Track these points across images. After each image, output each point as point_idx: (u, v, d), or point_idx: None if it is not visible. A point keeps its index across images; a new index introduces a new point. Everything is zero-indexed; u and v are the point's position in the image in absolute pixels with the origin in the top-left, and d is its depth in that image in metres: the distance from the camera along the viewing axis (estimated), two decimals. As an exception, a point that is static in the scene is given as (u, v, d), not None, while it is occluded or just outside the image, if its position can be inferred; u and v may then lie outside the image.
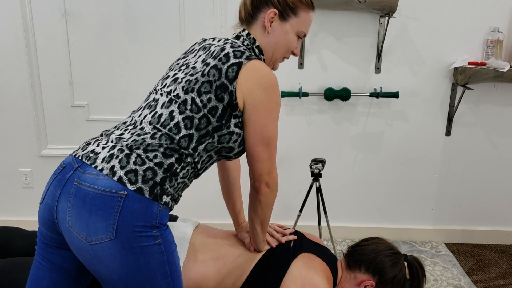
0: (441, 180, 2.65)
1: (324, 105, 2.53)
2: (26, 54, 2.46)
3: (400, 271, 1.47)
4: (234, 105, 1.19)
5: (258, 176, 1.29)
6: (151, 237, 1.10)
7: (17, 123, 2.57)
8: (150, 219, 1.10)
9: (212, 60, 1.21)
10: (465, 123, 2.55)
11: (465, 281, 2.29)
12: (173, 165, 1.16)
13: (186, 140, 1.18)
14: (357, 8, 2.27)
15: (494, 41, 2.34)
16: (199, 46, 1.34)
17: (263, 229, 1.41)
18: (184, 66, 1.27)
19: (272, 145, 1.27)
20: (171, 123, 1.17)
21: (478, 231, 2.71)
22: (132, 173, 1.11)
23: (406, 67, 2.47)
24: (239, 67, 1.19)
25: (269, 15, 1.28)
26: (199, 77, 1.20)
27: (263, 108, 1.21)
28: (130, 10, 2.41)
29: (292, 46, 1.34)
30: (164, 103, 1.21)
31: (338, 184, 2.66)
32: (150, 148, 1.15)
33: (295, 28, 1.31)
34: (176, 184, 1.18)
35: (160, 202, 1.12)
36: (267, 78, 1.21)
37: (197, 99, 1.18)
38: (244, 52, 1.22)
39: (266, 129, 1.24)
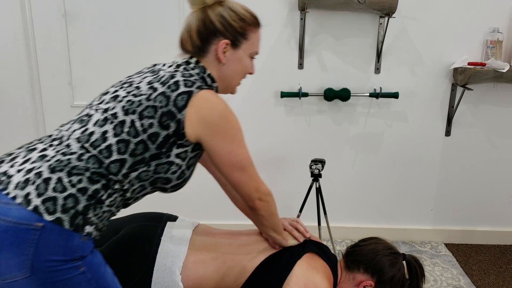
0: (441, 180, 2.65)
1: (324, 106, 2.53)
2: (25, 54, 2.46)
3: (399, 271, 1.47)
4: (181, 134, 1.13)
5: (248, 197, 1.26)
6: (73, 268, 1.01)
7: (17, 123, 2.57)
8: (70, 253, 1.00)
9: (160, 86, 1.15)
10: (465, 124, 2.55)
11: (464, 282, 2.29)
12: (98, 192, 1.06)
13: (116, 166, 1.09)
14: (357, 8, 2.28)
15: (494, 42, 2.34)
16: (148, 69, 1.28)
17: (278, 232, 1.39)
18: (127, 84, 1.20)
19: (247, 166, 1.21)
20: (102, 144, 1.09)
21: (477, 232, 2.71)
22: (50, 201, 1.00)
23: (406, 68, 2.47)
24: (189, 96, 1.13)
25: (221, 47, 1.23)
26: (143, 100, 1.13)
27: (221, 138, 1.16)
28: (129, 10, 2.41)
29: (248, 69, 1.31)
30: (98, 121, 1.12)
31: (337, 184, 2.66)
32: (75, 172, 1.05)
33: (248, 51, 1.27)
34: (101, 213, 1.08)
35: (82, 233, 1.02)
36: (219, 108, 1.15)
37: (137, 122, 1.11)
38: (195, 82, 1.17)
39: (235, 155, 1.19)
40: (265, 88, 2.50)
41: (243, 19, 1.24)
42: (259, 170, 2.63)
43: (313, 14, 2.40)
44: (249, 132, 2.57)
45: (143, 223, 1.46)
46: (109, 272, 1.12)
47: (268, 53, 2.45)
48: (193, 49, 1.25)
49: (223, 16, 1.22)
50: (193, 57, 1.26)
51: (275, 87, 2.50)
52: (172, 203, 2.67)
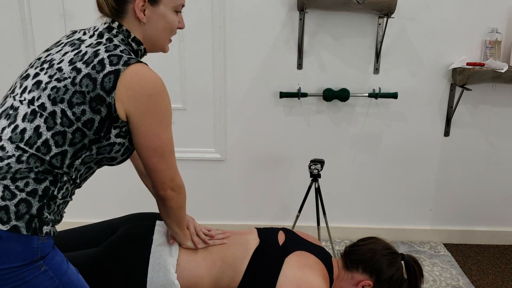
0: (440, 180, 2.65)
1: (323, 106, 2.53)
2: (24, 55, 2.46)
3: (397, 271, 1.47)
4: (114, 117, 1.08)
5: (160, 185, 1.20)
6: (33, 268, 1.00)
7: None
8: (31, 256, 0.99)
9: (84, 67, 1.06)
10: (464, 124, 2.55)
11: (463, 282, 2.29)
12: (48, 189, 1.04)
13: (58, 159, 1.05)
14: (356, 8, 2.28)
15: (492, 42, 2.34)
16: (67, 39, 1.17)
17: (181, 228, 1.34)
18: (47, 64, 1.11)
19: (168, 153, 1.16)
20: (38, 141, 1.03)
21: (476, 232, 2.72)
22: (2, 211, 0.97)
23: (405, 68, 2.47)
24: (117, 76, 1.05)
25: (138, 5, 1.14)
26: (68, 85, 1.05)
27: (150, 117, 1.10)
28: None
29: (174, 25, 1.22)
30: (26, 115, 1.04)
31: (337, 184, 2.66)
32: (19, 176, 1.00)
33: (170, 5, 1.19)
34: (56, 208, 1.07)
35: (40, 235, 1.01)
36: (151, 84, 1.08)
37: (69, 112, 1.04)
38: (121, 56, 1.08)
39: (158, 138, 1.13)
40: (264, 88, 2.50)
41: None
42: (258, 170, 2.63)
43: (312, 14, 2.40)
44: (247, 132, 2.57)
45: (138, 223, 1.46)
46: (72, 269, 1.11)
47: (267, 53, 2.45)
48: (110, 11, 1.16)
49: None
50: (114, 21, 1.17)
51: (274, 87, 2.50)
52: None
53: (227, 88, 2.50)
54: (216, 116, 2.54)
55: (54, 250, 1.07)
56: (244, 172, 2.64)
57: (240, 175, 2.65)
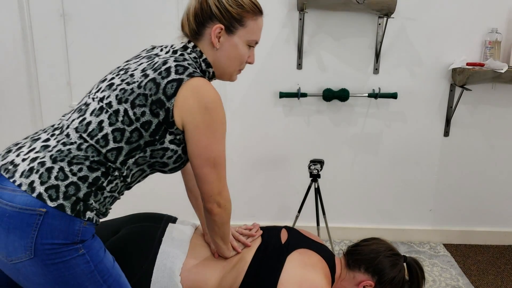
0: (440, 180, 2.65)
1: (323, 106, 2.53)
2: (24, 54, 2.46)
3: (399, 272, 1.47)
4: (170, 122, 1.14)
5: (207, 198, 1.23)
6: (73, 250, 1.06)
7: (15, 124, 2.57)
8: (72, 236, 1.06)
9: (152, 73, 1.15)
10: (463, 124, 2.55)
11: (463, 282, 2.29)
12: (99, 179, 1.11)
13: (113, 154, 1.12)
14: (356, 8, 2.28)
15: (492, 42, 2.34)
16: (146, 53, 1.28)
17: (225, 241, 1.37)
18: (123, 71, 1.21)
19: (219, 165, 1.20)
20: (99, 134, 1.12)
21: (476, 232, 2.72)
22: (53, 189, 1.05)
23: (405, 68, 2.47)
24: (179, 84, 1.12)
25: (215, 31, 1.21)
26: (135, 88, 1.14)
27: (204, 128, 1.15)
28: (128, 10, 2.40)
29: (244, 57, 1.28)
30: (95, 110, 1.15)
31: (336, 184, 2.66)
32: (75, 161, 1.09)
33: (244, 38, 1.25)
34: (102, 199, 1.12)
35: (83, 218, 1.07)
36: (209, 97, 1.14)
37: (130, 111, 1.13)
38: (187, 67, 1.16)
39: (211, 150, 1.17)
40: (264, 88, 2.50)
41: (241, 5, 1.22)
42: (258, 170, 2.63)
43: (312, 15, 2.39)
44: (247, 132, 2.57)
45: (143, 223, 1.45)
46: (109, 257, 1.15)
47: (267, 53, 2.45)
48: (190, 32, 1.25)
49: (221, 1, 1.21)
50: (190, 41, 1.26)
51: (274, 87, 2.50)
52: (171, 203, 2.67)
53: (226, 88, 2.50)
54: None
55: (94, 237, 1.13)
56: (244, 172, 2.64)
57: (240, 175, 2.65)
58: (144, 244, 1.36)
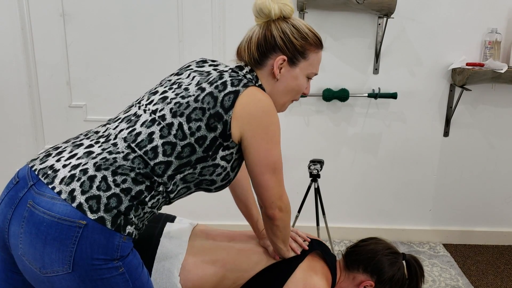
0: (439, 181, 2.65)
1: (323, 106, 2.53)
2: (23, 54, 2.46)
3: (398, 270, 1.47)
4: (227, 135, 1.12)
5: (269, 204, 1.23)
6: (113, 268, 1.02)
7: (15, 124, 2.57)
8: (111, 252, 1.01)
9: (208, 86, 1.14)
10: (463, 124, 2.55)
11: (463, 282, 2.29)
12: (142, 193, 1.06)
13: (161, 168, 1.09)
14: (356, 9, 2.28)
15: (492, 42, 2.34)
16: (196, 66, 1.27)
17: (285, 244, 1.38)
18: (176, 85, 1.19)
19: (279, 169, 1.20)
20: (148, 145, 1.08)
21: (476, 232, 2.72)
22: (94, 200, 1.00)
23: (404, 68, 2.47)
24: (236, 96, 1.12)
25: (278, 62, 1.20)
26: (191, 102, 1.12)
27: (263, 133, 1.15)
28: (128, 10, 2.40)
29: (302, 89, 1.28)
30: (146, 121, 1.12)
31: (336, 185, 2.66)
32: (120, 171, 1.05)
33: (305, 71, 1.25)
34: (142, 214, 1.08)
35: (123, 233, 1.03)
36: (263, 103, 1.14)
37: (185, 125, 1.10)
38: (241, 80, 1.16)
39: (271, 154, 1.17)
40: (264, 88, 2.50)
41: (305, 38, 1.22)
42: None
43: (312, 15, 2.40)
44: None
45: None
46: (145, 274, 1.13)
47: (266, 54, 2.45)
48: (250, 59, 1.24)
49: (286, 33, 1.21)
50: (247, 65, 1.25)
51: (273, 88, 2.50)
52: (170, 203, 2.67)
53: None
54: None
55: (133, 252, 1.09)
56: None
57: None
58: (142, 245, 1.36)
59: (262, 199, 1.23)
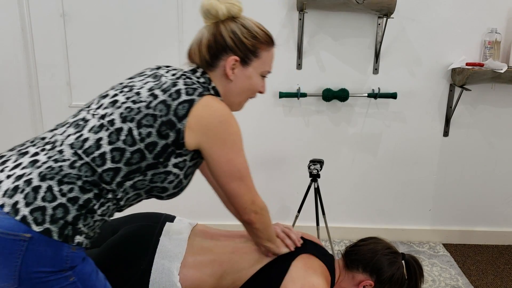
0: (439, 180, 2.65)
1: (322, 106, 2.53)
2: (23, 54, 2.46)
3: (398, 270, 1.47)
4: (180, 143, 1.10)
5: (243, 210, 1.22)
6: (62, 278, 0.99)
7: (15, 124, 2.57)
8: (60, 264, 0.98)
9: (161, 94, 1.11)
10: (463, 124, 2.55)
11: (462, 282, 2.29)
12: (90, 201, 1.03)
13: (110, 174, 1.05)
14: (355, 9, 2.28)
15: (492, 42, 2.34)
16: (151, 72, 1.24)
17: (272, 241, 1.37)
18: (128, 88, 1.16)
19: (245, 176, 1.18)
20: (96, 152, 1.05)
21: (475, 232, 2.72)
22: (39, 211, 0.96)
23: (404, 68, 2.48)
24: (191, 105, 1.10)
25: (230, 63, 1.19)
26: (142, 108, 1.09)
27: (221, 143, 1.13)
28: (128, 11, 2.41)
29: (257, 88, 1.27)
30: (94, 127, 1.08)
31: (336, 184, 2.66)
32: (66, 180, 1.01)
33: (258, 70, 1.24)
34: (92, 222, 1.05)
35: (71, 243, 0.99)
36: (219, 112, 1.12)
37: (135, 131, 1.07)
38: (197, 89, 1.13)
39: (233, 163, 1.15)
40: (264, 88, 2.50)
41: (256, 37, 1.21)
42: (258, 170, 2.63)
43: (312, 15, 2.40)
44: (247, 133, 2.57)
45: (141, 223, 1.45)
46: (101, 279, 1.10)
47: (266, 54, 2.45)
48: (201, 62, 1.23)
49: (235, 33, 1.20)
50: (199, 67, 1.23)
51: (273, 88, 2.50)
52: (170, 202, 2.67)
53: (226, 88, 2.50)
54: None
55: (85, 260, 1.06)
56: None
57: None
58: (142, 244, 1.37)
59: (236, 207, 1.22)
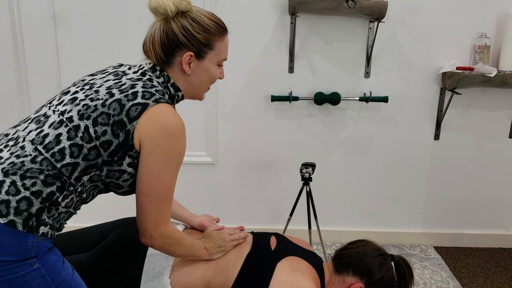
0: (430, 183, 2.66)
1: (314, 109, 2.54)
2: (14, 57, 2.44)
3: (387, 272, 1.48)
4: (130, 145, 1.11)
5: (143, 230, 1.18)
6: (26, 265, 1.03)
7: (4, 127, 2.55)
8: (24, 253, 1.02)
9: (118, 93, 1.13)
10: (453, 127, 2.57)
11: (453, 285, 2.30)
12: (53, 194, 1.07)
13: (69, 169, 1.09)
14: (347, 13, 2.29)
15: (482, 47, 2.36)
16: (113, 69, 1.26)
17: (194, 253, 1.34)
18: (88, 86, 1.18)
19: (165, 197, 1.15)
20: (56, 147, 1.08)
21: (466, 235, 2.73)
22: (3, 204, 1.01)
23: (395, 72, 2.49)
24: (144, 109, 1.11)
25: (185, 59, 1.21)
26: (99, 106, 1.12)
27: (160, 154, 1.12)
28: (120, 13, 2.40)
29: (215, 77, 1.29)
30: (54, 123, 1.11)
31: (328, 188, 2.66)
32: (29, 175, 1.05)
33: (214, 60, 1.25)
34: (56, 214, 1.09)
35: (36, 234, 1.03)
36: (172, 123, 1.12)
37: (91, 129, 1.10)
38: (154, 94, 1.14)
39: (160, 179, 1.13)
40: (256, 91, 2.51)
41: (207, 30, 1.21)
42: (250, 174, 2.63)
43: (304, 19, 2.41)
44: (239, 136, 2.57)
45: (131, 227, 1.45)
46: (67, 268, 1.12)
47: (258, 57, 2.46)
48: (157, 60, 1.23)
49: (186, 28, 1.20)
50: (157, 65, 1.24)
51: (265, 91, 2.51)
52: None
53: (218, 92, 2.50)
54: (208, 119, 2.53)
55: (50, 250, 1.09)
56: (236, 175, 2.64)
57: (232, 178, 2.65)
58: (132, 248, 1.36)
59: (138, 223, 1.19)
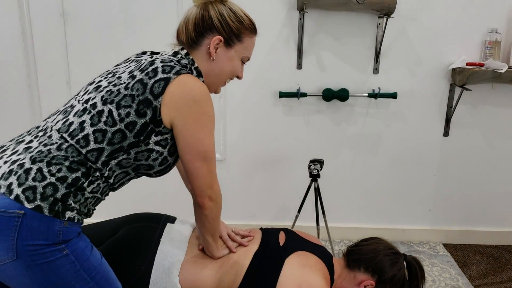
0: (439, 180, 2.65)
1: (323, 106, 2.53)
2: (23, 54, 2.45)
3: (399, 271, 1.47)
4: (158, 121, 1.15)
5: (199, 192, 1.25)
6: (56, 250, 1.07)
7: (15, 124, 2.56)
8: (52, 237, 1.07)
9: (139, 74, 1.17)
10: (463, 124, 2.55)
11: (463, 282, 2.29)
12: (79, 180, 1.11)
13: (94, 155, 1.13)
14: (356, 8, 2.28)
15: (492, 42, 2.34)
16: (136, 57, 1.31)
17: (214, 238, 1.38)
18: (111, 74, 1.24)
19: (210, 158, 1.22)
20: (80, 134, 1.13)
21: (476, 232, 2.72)
22: (30, 190, 1.06)
23: (405, 68, 2.47)
24: (167, 83, 1.14)
25: (214, 42, 1.25)
26: (121, 89, 1.16)
27: (194, 122, 1.17)
28: (128, 10, 2.40)
29: (237, 71, 1.32)
30: (78, 111, 1.17)
31: (336, 184, 2.66)
32: (55, 161, 1.10)
33: (240, 54, 1.30)
34: (83, 199, 1.13)
35: (62, 219, 1.08)
36: (196, 91, 1.16)
37: (115, 112, 1.14)
38: (174, 66, 1.18)
39: (202, 143, 1.19)
40: (264, 88, 2.50)
41: (241, 21, 1.27)
42: (258, 170, 2.63)
43: (312, 14, 2.39)
44: (247, 132, 2.57)
45: (142, 223, 1.45)
46: (96, 255, 1.16)
47: (267, 53, 2.45)
48: (187, 39, 1.27)
49: (222, 14, 1.25)
50: (184, 49, 1.28)
51: (273, 87, 2.50)
52: (171, 203, 2.67)
53: (226, 88, 2.50)
54: (216, 115, 2.53)
55: (79, 236, 1.13)
56: (244, 172, 2.64)
57: (240, 175, 2.65)
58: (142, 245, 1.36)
59: (193, 187, 1.25)
